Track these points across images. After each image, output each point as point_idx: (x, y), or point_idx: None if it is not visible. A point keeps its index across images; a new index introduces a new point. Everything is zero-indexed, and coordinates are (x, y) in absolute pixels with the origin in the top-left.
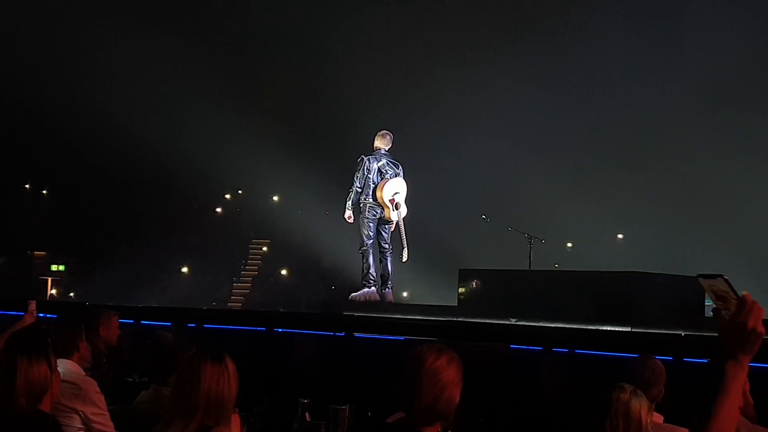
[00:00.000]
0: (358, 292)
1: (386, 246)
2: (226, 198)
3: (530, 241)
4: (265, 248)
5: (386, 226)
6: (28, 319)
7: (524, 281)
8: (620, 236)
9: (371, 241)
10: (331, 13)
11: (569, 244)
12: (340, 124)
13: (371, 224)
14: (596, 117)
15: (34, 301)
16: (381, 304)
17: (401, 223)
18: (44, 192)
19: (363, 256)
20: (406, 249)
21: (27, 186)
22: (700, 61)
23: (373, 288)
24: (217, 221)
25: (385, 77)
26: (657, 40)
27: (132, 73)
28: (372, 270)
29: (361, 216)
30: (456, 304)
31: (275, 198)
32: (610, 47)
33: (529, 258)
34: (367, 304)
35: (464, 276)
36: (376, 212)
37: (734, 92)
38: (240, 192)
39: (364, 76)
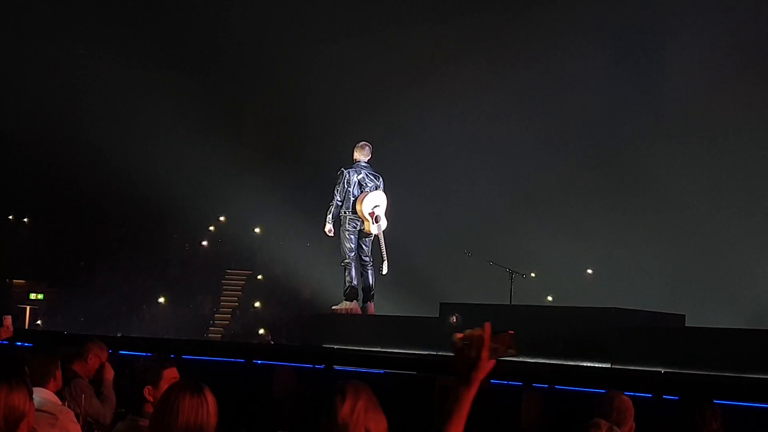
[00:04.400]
0: (339, 306)
1: (366, 259)
2: (208, 230)
3: (511, 276)
4: (245, 279)
5: (366, 239)
6: (4, 334)
7: (505, 316)
8: (589, 271)
9: (353, 253)
10: (315, 46)
11: (533, 275)
12: (323, 155)
13: (352, 237)
14: (580, 154)
15: (9, 316)
16: (362, 316)
17: (381, 236)
18: (25, 220)
19: (345, 269)
20: (386, 262)
21: (10, 216)
22: (680, 101)
23: (354, 301)
24: (198, 252)
25: (369, 111)
26: (636, 81)
27: (115, 104)
28: (354, 283)
29: (341, 229)
30: (438, 315)
31: (257, 229)
32: (591, 87)
33: (510, 293)
34: (349, 316)
35: (445, 310)
36: (356, 224)
37: (711, 132)
38: (224, 221)
39: (347, 109)
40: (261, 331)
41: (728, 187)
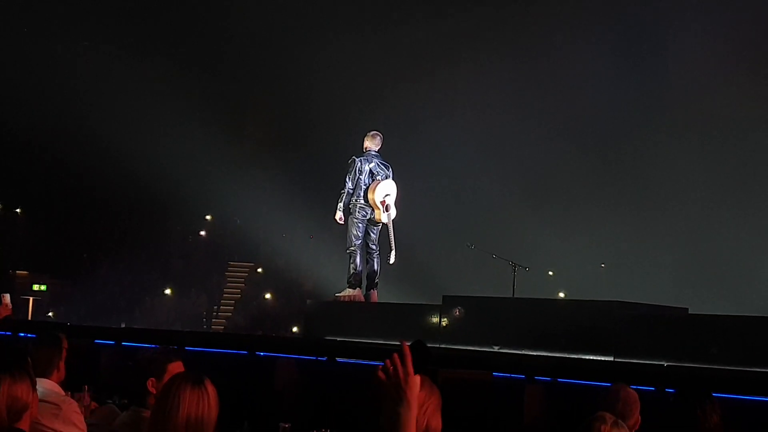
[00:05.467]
0: (343, 293)
1: (374, 247)
2: (208, 220)
3: (514, 269)
4: (247, 271)
5: (375, 227)
6: (3, 312)
7: (508, 309)
8: (603, 265)
9: (359, 241)
10: (317, 39)
11: (551, 273)
12: (326, 148)
13: (360, 225)
14: (585, 148)
15: (8, 294)
16: (366, 303)
17: (390, 225)
18: (17, 211)
19: (350, 257)
20: (393, 251)
21: (6, 205)
22: (687, 96)
23: (357, 288)
24: (201, 244)
25: (373, 105)
26: (644, 77)
27: (117, 95)
28: (358, 270)
29: (350, 216)
30: (440, 303)
31: (258, 222)
32: (598, 82)
33: (513, 285)
34: (352, 304)
35: (448, 302)
36: (366, 213)
37: (718, 127)
38: (236, 218)
39: (351, 103)
40: (295, 329)
41: (736, 181)
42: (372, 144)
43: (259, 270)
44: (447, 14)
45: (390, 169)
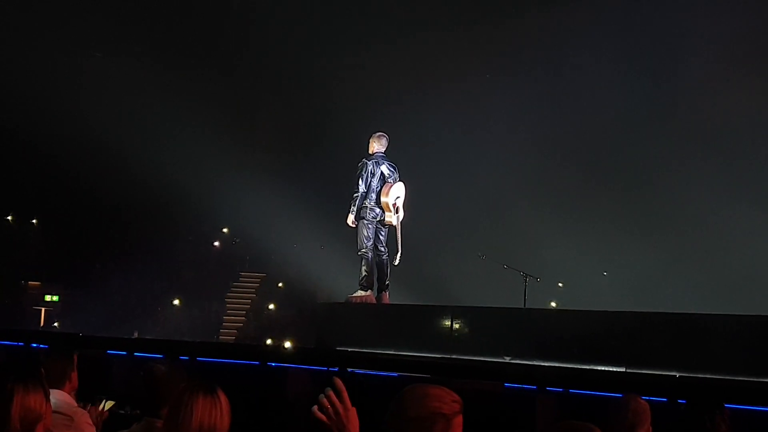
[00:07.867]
0: (355, 294)
1: (383, 249)
2: (222, 231)
3: (525, 279)
4: (259, 281)
5: (384, 230)
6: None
7: (519, 319)
8: (605, 273)
9: (370, 242)
10: (329, 48)
11: (560, 284)
12: (337, 157)
13: (371, 227)
14: (595, 160)
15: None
16: (377, 305)
17: (398, 227)
18: (33, 222)
19: (362, 259)
20: (399, 253)
21: (19, 216)
22: (692, 108)
23: (369, 290)
24: (212, 254)
25: (383, 112)
26: (650, 87)
27: (128, 104)
28: (370, 272)
29: (361, 219)
30: (450, 316)
31: (271, 232)
32: (605, 93)
33: (524, 296)
34: (364, 306)
35: (457, 313)
36: (376, 215)
37: (724, 139)
38: (236, 238)
39: (362, 111)
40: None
41: (747, 191)
42: (380, 145)
43: (264, 280)
44: (459, 26)
45: (397, 171)
